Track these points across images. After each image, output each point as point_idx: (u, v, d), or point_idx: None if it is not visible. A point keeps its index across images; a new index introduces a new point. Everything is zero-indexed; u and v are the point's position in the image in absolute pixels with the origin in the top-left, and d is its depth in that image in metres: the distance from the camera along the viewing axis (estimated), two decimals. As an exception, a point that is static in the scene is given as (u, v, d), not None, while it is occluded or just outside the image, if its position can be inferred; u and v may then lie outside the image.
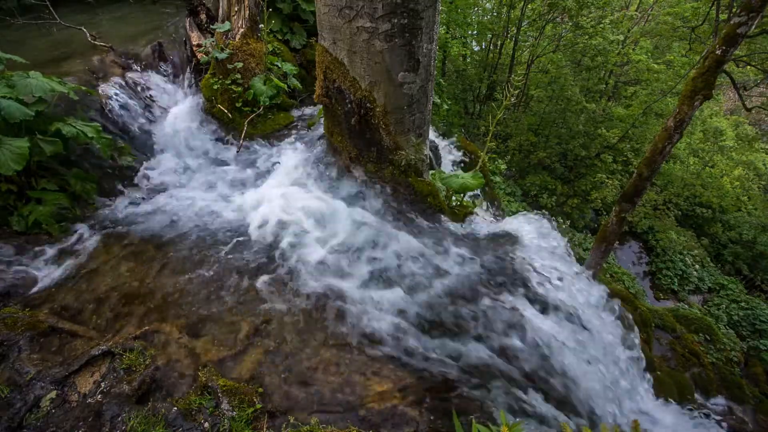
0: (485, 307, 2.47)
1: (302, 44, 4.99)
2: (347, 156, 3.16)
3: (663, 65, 13.30)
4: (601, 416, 2.34)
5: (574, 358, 2.40)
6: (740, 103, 8.75)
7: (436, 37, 2.68)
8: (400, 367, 2.19)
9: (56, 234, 2.83)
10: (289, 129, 4.11)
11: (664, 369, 5.76)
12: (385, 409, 1.98)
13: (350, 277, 2.64)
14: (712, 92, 5.12)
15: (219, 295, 2.48)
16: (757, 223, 14.17)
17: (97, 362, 1.98)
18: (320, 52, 2.88)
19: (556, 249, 3.04)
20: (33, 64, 3.32)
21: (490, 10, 16.15)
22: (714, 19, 6.84)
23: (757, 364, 8.96)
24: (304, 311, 2.42)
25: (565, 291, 2.73)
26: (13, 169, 2.45)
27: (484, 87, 16.17)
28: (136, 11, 5.51)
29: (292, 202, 3.05)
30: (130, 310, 2.37)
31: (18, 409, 1.74)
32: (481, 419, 1.95)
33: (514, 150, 15.17)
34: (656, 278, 13.28)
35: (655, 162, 5.65)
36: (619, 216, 6.19)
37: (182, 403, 1.83)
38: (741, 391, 6.57)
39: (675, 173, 14.82)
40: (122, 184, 3.42)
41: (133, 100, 3.79)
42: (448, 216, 3.22)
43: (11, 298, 2.40)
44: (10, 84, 2.64)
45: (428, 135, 3.18)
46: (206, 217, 3.10)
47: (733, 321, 11.28)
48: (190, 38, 4.35)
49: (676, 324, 7.47)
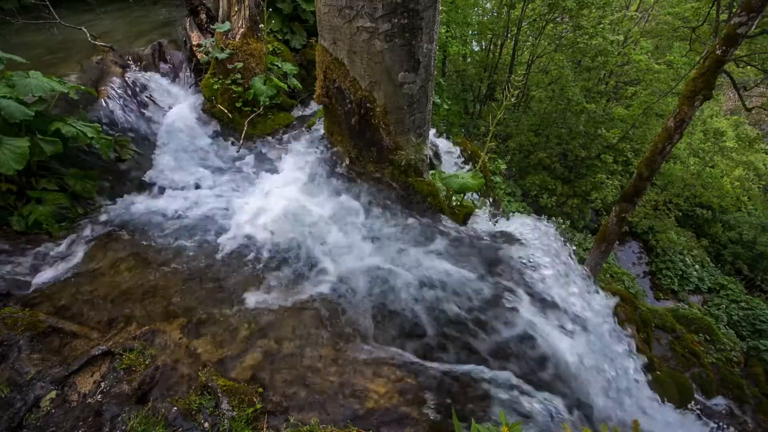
0: (485, 307, 2.47)
1: (302, 44, 4.98)
2: (347, 156, 3.16)
3: (663, 65, 13.29)
4: (601, 416, 2.34)
5: (574, 358, 2.40)
6: (740, 103, 8.75)
7: (436, 37, 2.68)
8: (400, 367, 2.19)
9: (56, 234, 2.83)
10: (289, 129, 4.10)
11: (664, 369, 5.76)
12: (385, 409, 1.98)
13: (350, 277, 2.64)
14: (712, 92, 5.12)
15: (219, 295, 2.48)
16: (757, 223, 14.17)
17: (97, 362, 1.99)
18: (320, 52, 2.88)
19: (556, 249, 3.04)
20: (33, 64, 3.32)
21: (490, 10, 16.15)
22: (714, 19, 6.84)
23: (757, 364, 8.96)
24: (304, 312, 2.42)
25: (565, 291, 2.73)
26: (13, 168, 2.45)
27: (484, 87, 16.17)
28: (136, 11, 5.51)
29: (292, 204, 3.05)
30: (130, 310, 2.37)
31: (18, 409, 1.74)
32: (481, 419, 1.95)
33: (515, 150, 15.17)
34: (656, 278, 13.29)
35: (655, 162, 5.65)
36: (619, 216, 6.19)
37: (182, 403, 1.83)
38: (741, 391, 6.57)
39: (675, 173, 14.81)
40: (122, 184, 3.41)
41: (133, 100, 3.79)
42: (448, 216, 3.22)
43: (11, 297, 2.40)
44: (10, 84, 2.64)
45: (428, 135, 3.18)
46: (206, 217, 3.10)
47: (733, 321, 11.28)
48: (190, 38, 4.35)
49: (676, 324, 7.47)
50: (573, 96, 13.59)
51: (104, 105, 3.50)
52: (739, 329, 10.94)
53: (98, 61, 3.86)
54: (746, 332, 10.83)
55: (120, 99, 3.66)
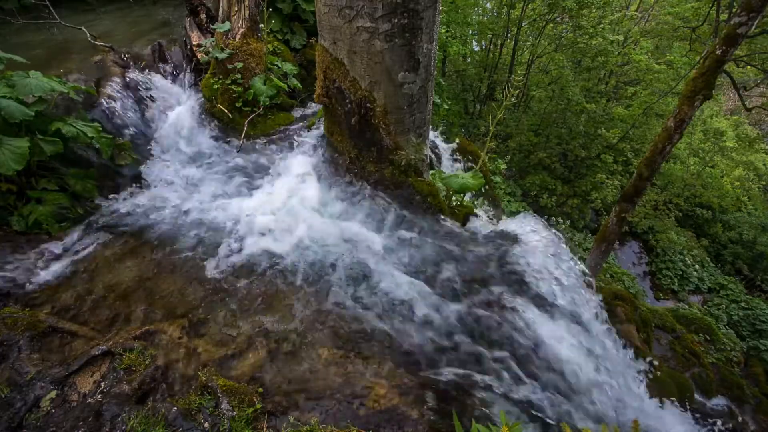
0: (485, 307, 2.47)
1: (302, 44, 4.98)
2: (347, 156, 3.16)
3: (663, 65, 13.28)
4: (601, 415, 2.34)
5: (573, 359, 2.40)
6: (740, 103, 8.75)
7: (436, 37, 2.68)
8: (401, 367, 2.19)
9: (56, 234, 2.83)
10: (289, 129, 4.10)
11: (663, 369, 5.75)
12: (385, 409, 1.98)
13: (349, 278, 2.64)
14: (712, 92, 5.12)
15: (219, 295, 2.48)
16: (757, 223, 14.16)
17: (97, 362, 1.99)
18: (320, 52, 2.87)
19: (556, 249, 3.03)
20: (33, 63, 3.32)
21: (490, 10, 16.15)
22: (714, 19, 6.84)
23: (757, 364, 8.95)
24: (304, 312, 2.42)
25: (565, 291, 2.73)
26: (13, 168, 2.45)
27: (484, 87, 16.17)
28: (136, 11, 5.51)
29: (291, 203, 3.05)
30: (130, 309, 2.37)
31: (18, 408, 1.74)
32: (481, 419, 1.95)
33: (514, 150, 15.16)
34: (656, 278, 13.28)
35: (656, 162, 5.66)
36: (619, 216, 6.19)
37: (182, 403, 1.83)
38: (741, 391, 6.56)
39: (675, 173, 14.80)
40: (122, 184, 3.41)
41: (133, 100, 3.79)
42: (448, 216, 3.21)
43: (11, 297, 2.40)
44: (10, 84, 2.64)
45: (428, 135, 3.18)
46: (206, 218, 3.10)
47: (733, 321, 11.28)
48: (190, 38, 4.35)
49: (676, 324, 7.46)
50: (573, 96, 13.58)
51: (104, 105, 3.50)
52: (739, 329, 10.94)
53: (98, 61, 3.86)
54: (746, 332, 10.83)
55: (120, 99, 3.65)
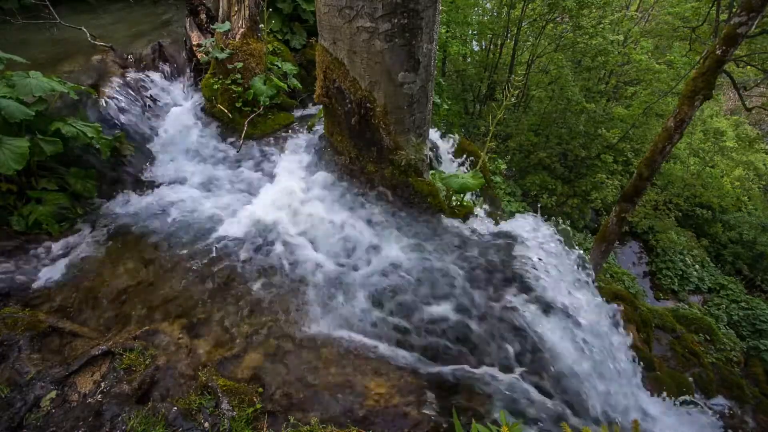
0: (485, 307, 2.47)
1: (302, 44, 4.98)
2: (347, 156, 3.16)
3: (663, 65, 13.28)
4: (601, 415, 2.34)
5: (574, 358, 2.40)
6: (740, 103, 8.75)
7: (436, 37, 2.68)
8: (401, 366, 2.19)
9: (56, 234, 2.83)
10: (289, 129, 4.10)
11: (664, 369, 5.76)
12: (385, 409, 1.98)
13: (349, 278, 2.64)
14: (712, 92, 5.12)
15: (219, 295, 2.48)
16: (757, 223, 14.16)
17: (97, 362, 1.99)
18: (320, 52, 2.87)
19: (555, 249, 3.04)
20: (33, 63, 3.32)
21: (490, 10, 16.14)
22: (714, 19, 6.84)
23: (757, 364, 8.94)
24: (304, 312, 2.42)
25: (564, 291, 2.73)
26: (13, 168, 2.45)
27: (484, 87, 16.16)
28: (136, 11, 5.50)
29: (291, 203, 3.05)
30: (130, 309, 2.37)
31: (18, 408, 1.74)
32: (481, 419, 1.95)
33: (514, 150, 15.15)
34: (656, 278, 13.27)
35: (656, 162, 5.66)
36: (619, 216, 6.19)
37: (182, 403, 1.83)
38: (741, 391, 6.56)
39: (675, 173, 14.79)
40: (122, 184, 3.41)
41: (133, 100, 3.79)
42: (448, 216, 3.21)
43: (11, 297, 2.40)
44: (10, 84, 2.64)
45: (428, 135, 3.18)
46: (206, 217, 3.09)
47: (733, 321, 11.27)
48: (190, 38, 4.35)
49: (676, 324, 7.46)
50: (573, 96, 13.57)
51: (104, 105, 3.50)
52: (739, 329, 10.93)
53: (98, 61, 3.86)
54: (746, 332, 10.82)
55: (120, 99, 3.65)
